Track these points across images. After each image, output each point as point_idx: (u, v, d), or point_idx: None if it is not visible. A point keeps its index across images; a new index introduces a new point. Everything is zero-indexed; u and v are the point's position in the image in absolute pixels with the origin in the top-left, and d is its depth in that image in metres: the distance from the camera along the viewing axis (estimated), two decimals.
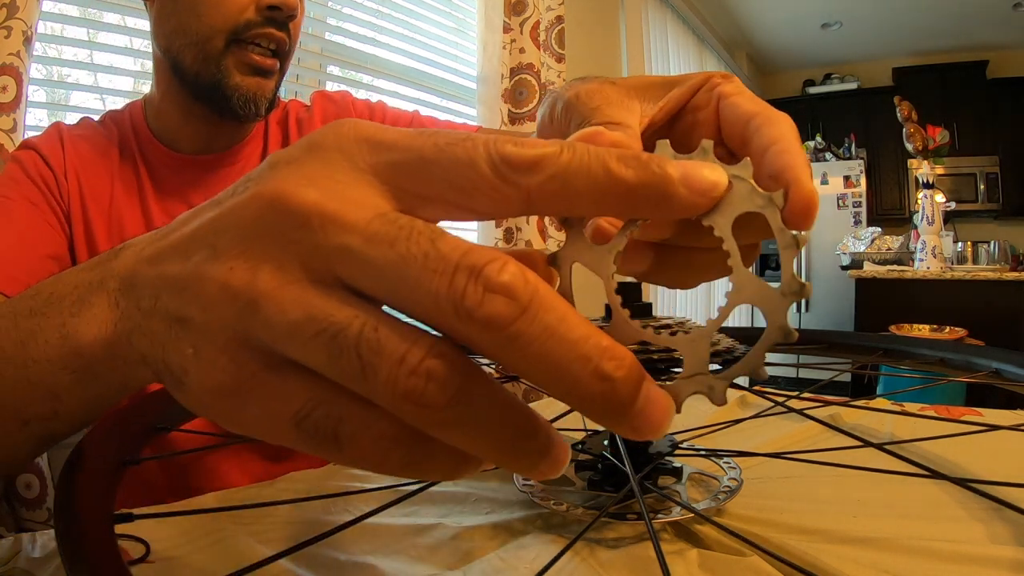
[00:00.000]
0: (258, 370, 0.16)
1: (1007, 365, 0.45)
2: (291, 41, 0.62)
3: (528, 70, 1.68)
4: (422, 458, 0.15)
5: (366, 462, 0.15)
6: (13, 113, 0.78)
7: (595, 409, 0.14)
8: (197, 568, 0.31)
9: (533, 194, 0.15)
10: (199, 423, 0.48)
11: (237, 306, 0.15)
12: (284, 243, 0.15)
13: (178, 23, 0.58)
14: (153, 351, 0.18)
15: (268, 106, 0.63)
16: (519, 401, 0.15)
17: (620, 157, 0.16)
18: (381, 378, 0.14)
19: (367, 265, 0.14)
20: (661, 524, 0.34)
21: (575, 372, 0.14)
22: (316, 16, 1.41)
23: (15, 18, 0.77)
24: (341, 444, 0.15)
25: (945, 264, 2.88)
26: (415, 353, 0.14)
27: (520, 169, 0.15)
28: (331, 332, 0.14)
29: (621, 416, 0.14)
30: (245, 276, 0.15)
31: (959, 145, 3.79)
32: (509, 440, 0.15)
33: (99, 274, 0.22)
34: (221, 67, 0.58)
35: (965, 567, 0.29)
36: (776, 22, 3.99)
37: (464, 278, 0.13)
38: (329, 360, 0.14)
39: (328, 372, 0.15)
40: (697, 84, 0.26)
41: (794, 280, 0.16)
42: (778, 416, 0.54)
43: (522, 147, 0.15)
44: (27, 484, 0.75)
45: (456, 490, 0.41)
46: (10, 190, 0.59)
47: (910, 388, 1.37)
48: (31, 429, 0.25)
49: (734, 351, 0.34)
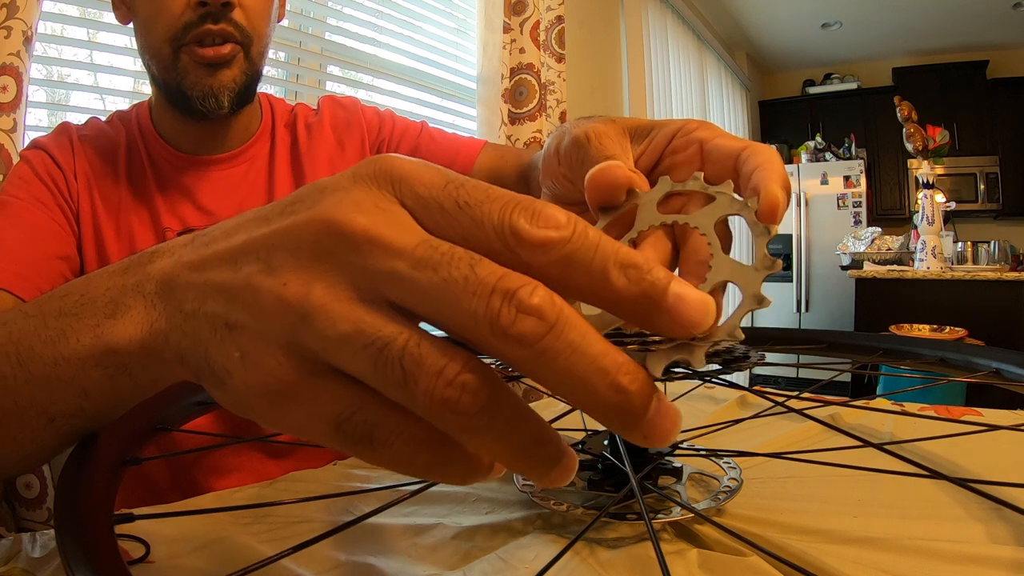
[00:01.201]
0: (305, 376, 0.17)
1: (1007, 365, 0.45)
2: (247, 29, 0.59)
3: (528, 70, 1.68)
4: (445, 461, 0.17)
5: (396, 462, 0.17)
6: (13, 113, 0.78)
7: (611, 417, 0.16)
8: (197, 568, 0.31)
9: (532, 268, 0.16)
10: (200, 423, 0.48)
11: (291, 318, 0.17)
12: (337, 264, 0.17)
13: (141, 40, 0.60)
14: (196, 351, 0.19)
15: (237, 98, 0.61)
16: (536, 414, 0.17)
17: (622, 263, 0.16)
18: (421, 387, 0.15)
19: (413, 287, 0.16)
20: (661, 524, 0.34)
21: (594, 384, 0.15)
22: (316, 16, 1.41)
23: (15, 18, 0.77)
24: (375, 445, 0.17)
25: (945, 264, 2.88)
26: (453, 367, 0.15)
27: (525, 246, 0.16)
28: (378, 345, 0.16)
29: (634, 425, 0.16)
30: (300, 290, 0.17)
31: (959, 145, 3.80)
32: (527, 446, 0.16)
33: (134, 277, 0.23)
34: (178, 70, 0.58)
35: (965, 567, 0.29)
36: (776, 22, 3.99)
37: (499, 300, 0.15)
38: (375, 370, 0.16)
39: (371, 380, 0.16)
40: (673, 131, 0.31)
41: (766, 258, 0.20)
42: (778, 416, 0.54)
43: (535, 223, 0.16)
44: (27, 484, 0.75)
45: (456, 490, 0.41)
46: (20, 190, 0.59)
47: (910, 388, 1.37)
48: (56, 426, 0.26)
49: (734, 351, 0.34)
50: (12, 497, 0.75)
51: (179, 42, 0.57)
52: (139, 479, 0.62)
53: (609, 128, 0.31)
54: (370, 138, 0.76)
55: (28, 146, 0.65)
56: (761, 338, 0.59)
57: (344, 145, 0.74)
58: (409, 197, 0.17)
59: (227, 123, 0.66)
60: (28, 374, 0.25)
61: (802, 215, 4.19)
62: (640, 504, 0.26)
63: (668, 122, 0.32)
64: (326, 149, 0.72)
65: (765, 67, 4.85)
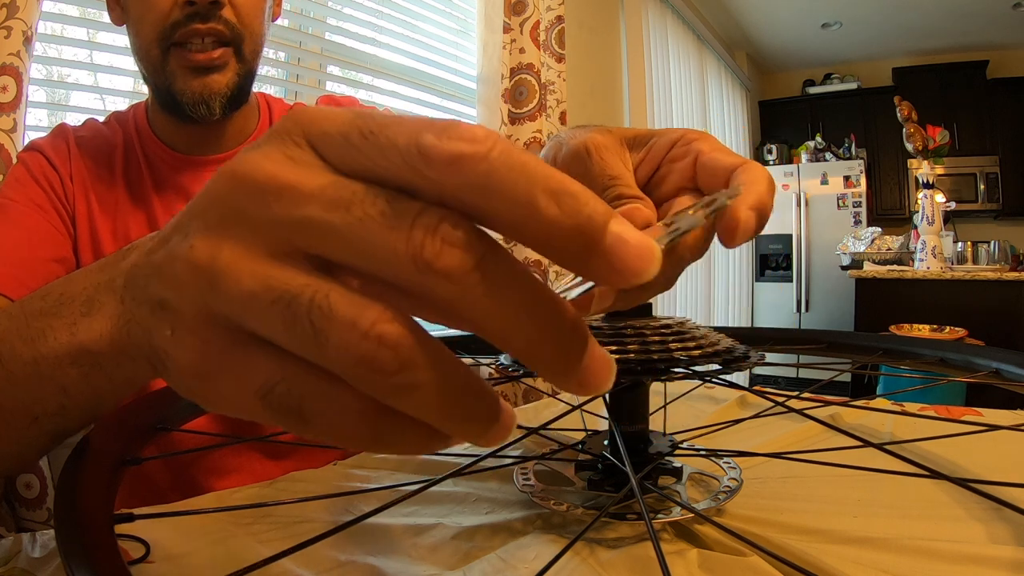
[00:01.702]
0: (226, 346, 0.16)
1: (1007, 365, 0.45)
2: (238, 27, 0.58)
3: (528, 70, 1.68)
4: (388, 432, 0.16)
5: (334, 436, 0.16)
6: (13, 113, 0.78)
7: (544, 358, 0.14)
8: (197, 568, 0.31)
9: (448, 198, 0.14)
10: (200, 422, 0.48)
11: (202, 283, 0.16)
12: (246, 220, 0.15)
13: (134, 43, 0.60)
14: (144, 338, 0.18)
15: (229, 103, 0.60)
16: (467, 366, 0.15)
17: (554, 190, 0.14)
18: (332, 344, 0.14)
19: (328, 230, 0.15)
20: (661, 524, 0.34)
21: (526, 321, 0.14)
22: (316, 16, 1.41)
23: (15, 18, 0.77)
24: (306, 418, 0.16)
25: (945, 264, 2.88)
26: (366, 318, 0.14)
27: (434, 165, 0.14)
28: (286, 300, 0.14)
29: (568, 371, 0.15)
30: (207, 252, 0.16)
31: (959, 145, 3.79)
32: (461, 404, 0.15)
33: (108, 274, 0.23)
34: (167, 73, 0.58)
35: (965, 567, 0.29)
36: (776, 22, 3.99)
37: (422, 233, 0.14)
38: (287, 329, 0.15)
39: (286, 343, 0.15)
40: (673, 140, 0.31)
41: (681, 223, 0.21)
42: (778, 416, 0.54)
43: (443, 137, 0.14)
44: (27, 484, 0.75)
45: (456, 490, 0.41)
46: (15, 192, 0.59)
47: (910, 388, 1.37)
48: (40, 424, 0.26)
49: (734, 351, 0.34)
50: (12, 497, 0.75)
51: (167, 42, 0.57)
52: (139, 479, 0.62)
53: (608, 140, 0.31)
54: None
55: (25, 148, 0.65)
56: (761, 338, 0.59)
57: None
58: (317, 138, 0.16)
59: (222, 125, 0.66)
60: (9, 373, 0.25)
61: (802, 215, 4.19)
62: (640, 504, 0.26)
63: (668, 131, 0.32)
64: None
65: (765, 67, 4.84)
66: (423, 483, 0.31)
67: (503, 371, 0.37)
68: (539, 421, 0.58)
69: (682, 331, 0.34)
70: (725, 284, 3.76)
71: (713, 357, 0.33)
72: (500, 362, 0.38)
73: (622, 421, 0.37)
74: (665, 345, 0.32)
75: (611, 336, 0.33)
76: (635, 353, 0.32)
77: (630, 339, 0.33)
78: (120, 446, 0.32)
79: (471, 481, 0.43)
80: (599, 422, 0.54)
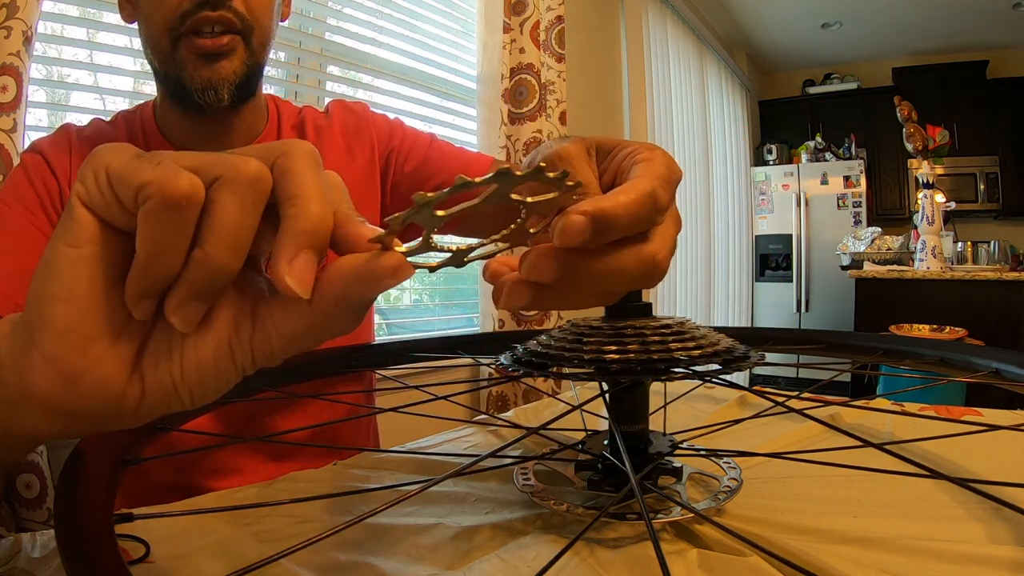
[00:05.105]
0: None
1: (1007, 365, 0.45)
2: (248, 18, 0.59)
3: (528, 70, 1.68)
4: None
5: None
6: (13, 113, 0.78)
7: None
8: (197, 568, 0.31)
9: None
10: (200, 423, 0.48)
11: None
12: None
13: (144, 33, 0.60)
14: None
15: (237, 90, 0.60)
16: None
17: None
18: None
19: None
20: (661, 524, 0.34)
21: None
22: (316, 16, 1.41)
23: (15, 18, 0.77)
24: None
25: (945, 264, 2.88)
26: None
27: (120, 188, 0.19)
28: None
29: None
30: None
31: (959, 145, 3.79)
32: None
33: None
34: (176, 62, 0.58)
35: (965, 567, 0.29)
36: (776, 22, 3.99)
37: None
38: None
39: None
40: (628, 153, 0.32)
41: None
42: (778, 416, 0.54)
43: (136, 168, 0.19)
44: (27, 484, 0.75)
45: (456, 490, 0.41)
46: (12, 197, 0.59)
47: (910, 388, 1.37)
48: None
49: (734, 351, 0.34)
50: (12, 497, 0.75)
51: (178, 32, 0.57)
52: (139, 479, 0.62)
53: (578, 148, 0.32)
54: (380, 146, 0.75)
55: (27, 148, 0.64)
56: (761, 338, 0.59)
57: (354, 152, 0.73)
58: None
59: (231, 121, 0.66)
60: None
61: (802, 215, 4.19)
62: (640, 504, 0.26)
63: (629, 144, 0.33)
64: (335, 154, 0.72)
65: (765, 67, 4.84)
66: (423, 483, 0.31)
67: (503, 371, 0.37)
68: (539, 421, 0.58)
69: (682, 331, 0.34)
70: (725, 284, 3.76)
71: (713, 357, 0.33)
72: (500, 362, 0.38)
73: (622, 421, 0.37)
74: (665, 345, 0.32)
75: (611, 336, 0.33)
76: (635, 353, 0.32)
77: (630, 339, 0.33)
78: (120, 446, 0.32)
79: (471, 481, 0.43)
80: (599, 422, 0.54)
